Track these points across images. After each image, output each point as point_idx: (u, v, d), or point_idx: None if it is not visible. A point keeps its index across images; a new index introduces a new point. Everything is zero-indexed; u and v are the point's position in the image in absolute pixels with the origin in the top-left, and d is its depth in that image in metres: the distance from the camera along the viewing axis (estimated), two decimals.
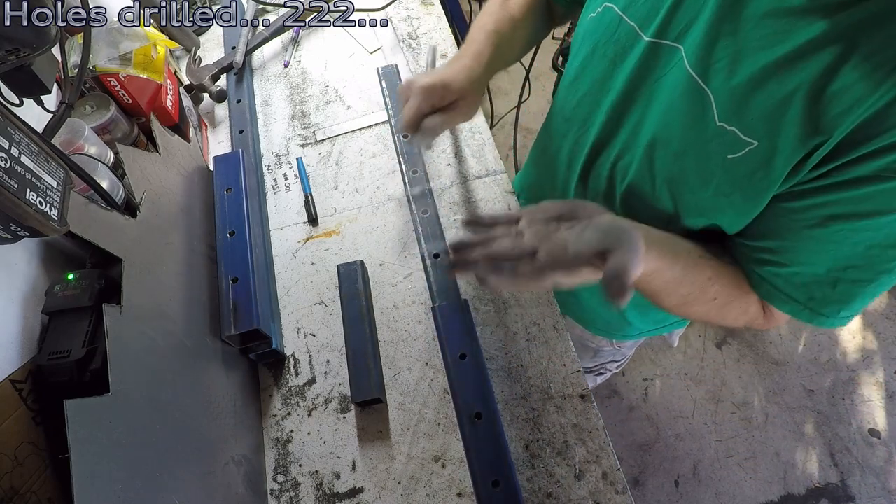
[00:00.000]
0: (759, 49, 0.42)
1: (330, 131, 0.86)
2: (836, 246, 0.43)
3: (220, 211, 0.69)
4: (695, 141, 0.47)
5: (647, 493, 1.43)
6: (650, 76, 0.51)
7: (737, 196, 0.46)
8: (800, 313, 0.46)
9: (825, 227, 0.42)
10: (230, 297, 0.61)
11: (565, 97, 0.63)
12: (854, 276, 0.43)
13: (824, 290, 0.45)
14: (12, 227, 0.35)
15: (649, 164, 0.52)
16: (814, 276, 0.45)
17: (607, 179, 0.58)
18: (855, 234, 0.41)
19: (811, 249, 0.44)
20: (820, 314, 0.46)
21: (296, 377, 0.66)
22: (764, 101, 0.42)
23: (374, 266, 0.72)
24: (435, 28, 0.95)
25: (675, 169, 0.49)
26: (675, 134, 0.48)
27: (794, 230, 0.45)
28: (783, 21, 0.41)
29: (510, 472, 0.54)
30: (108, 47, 0.69)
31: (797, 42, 0.40)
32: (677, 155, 0.49)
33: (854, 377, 1.55)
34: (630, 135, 0.54)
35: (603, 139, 0.57)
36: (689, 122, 0.47)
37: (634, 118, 0.53)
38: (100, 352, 0.46)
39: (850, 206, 0.40)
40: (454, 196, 0.76)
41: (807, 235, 0.44)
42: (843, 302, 0.45)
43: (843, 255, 0.43)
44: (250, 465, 0.58)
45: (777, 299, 0.47)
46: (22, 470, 0.41)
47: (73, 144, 0.57)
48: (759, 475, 1.42)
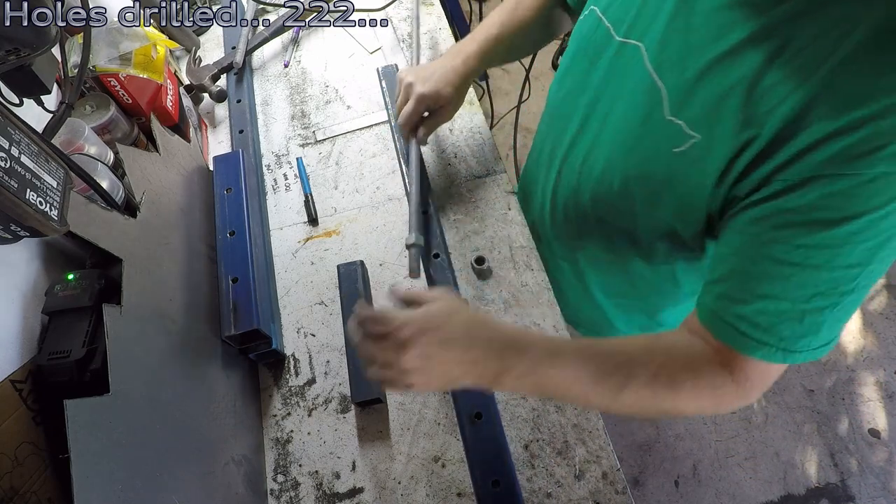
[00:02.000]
0: (707, 43, 0.43)
1: (330, 131, 0.86)
2: (797, 270, 0.40)
3: (220, 211, 0.69)
4: (647, 135, 0.48)
5: (647, 493, 1.43)
6: (618, 74, 0.53)
7: (681, 189, 0.47)
8: (773, 356, 0.42)
9: (782, 244, 0.40)
10: (230, 297, 0.61)
11: (553, 95, 0.66)
12: (819, 303, 0.40)
13: (793, 326, 0.41)
14: (12, 227, 0.35)
15: (611, 161, 0.53)
16: (779, 312, 0.41)
17: (577, 175, 0.60)
18: (813, 252, 0.39)
19: (773, 275, 0.41)
20: (792, 352, 0.42)
21: (296, 377, 0.66)
22: (707, 95, 0.43)
23: (374, 266, 0.72)
24: (435, 28, 0.95)
25: (630, 164, 0.51)
26: (633, 129, 0.50)
27: (754, 251, 0.42)
28: (728, 15, 0.42)
29: (510, 472, 0.54)
30: (108, 47, 0.69)
31: (739, 37, 0.41)
32: (632, 150, 0.50)
33: (854, 377, 1.54)
34: (597, 132, 0.56)
35: (577, 136, 0.59)
36: (643, 117, 0.49)
37: (602, 115, 0.55)
38: (100, 352, 0.46)
39: (802, 215, 0.39)
40: (454, 196, 0.76)
41: (765, 255, 0.41)
42: (812, 333, 0.41)
43: (807, 282, 0.40)
44: (250, 465, 0.58)
45: (748, 347, 0.42)
46: (22, 470, 0.41)
47: (73, 144, 0.57)
48: (759, 475, 1.42)
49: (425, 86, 0.67)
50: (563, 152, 0.62)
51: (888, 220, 0.37)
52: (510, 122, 1.59)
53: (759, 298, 0.42)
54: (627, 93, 0.51)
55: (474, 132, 0.82)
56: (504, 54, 0.72)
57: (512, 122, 1.54)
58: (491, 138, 0.81)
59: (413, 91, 0.67)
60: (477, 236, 0.72)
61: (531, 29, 0.70)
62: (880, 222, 0.37)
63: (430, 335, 0.44)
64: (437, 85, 0.67)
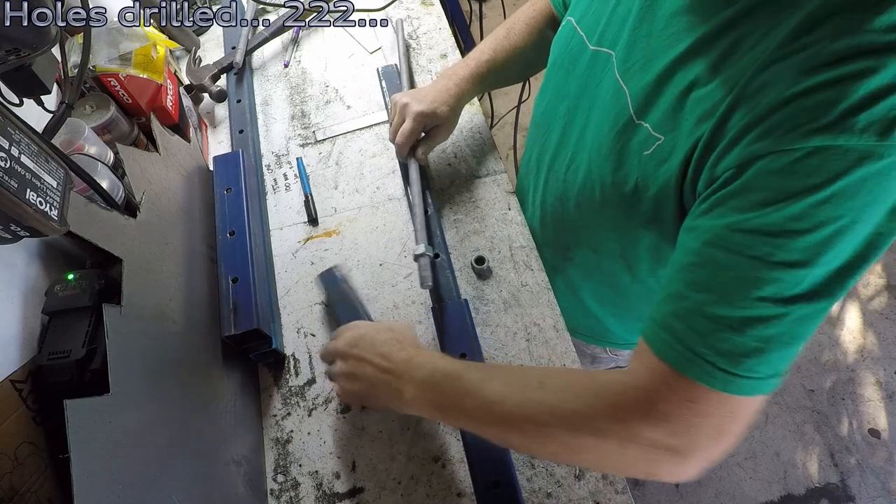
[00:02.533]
0: (667, 48, 0.44)
1: (330, 131, 0.86)
2: (735, 260, 0.36)
3: (220, 211, 0.69)
4: (619, 140, 0.49)
5: (647, 493, 1.43)
6: (592, 83, 0.54)
7: (653, 192, 0.47)
8: (710, 376, 0.36)
9: (721, 230, 0.37)
10: (230, 297, 0.61)
11: (536, 104, 0.68)
12: (765, 310, 0.35)
13: (733, 339, 0.36)
14: (12, 227, 0.35)
15: (591, 167, 0.54)
16: (717, 318, 0.36)
17: (562, 183, 0.61)
18: (752, 240, 0.36)
19: (711, 264, 0.38)
20: (734, 375, 0.36)
21: (296, 377, 0.66)
22: (667, 98, 0.44)
23: (374, 266, 0.72)
24: (435, 28, 0.95)
25: (606, 169, 0.51)
26: (606, 135, 0.51)
27: (695, 244, 0.39)
28: (685, 19, 0.43)
29: (510, 472, 0.54)
30: (108, 47, 0.69)
31: (690, 41, 0.42)
32: (607, 156, 0.51)
33: (854, 377, 1.54)
34: (577, 139, 0.57)
35: (559, 144, 0.61)
36: (614, 122, 0.50)
37: (581, 123, 0.56)
38: (100, 352, 0.46)
39: (740, 199, 0.37)
40: (454, 196, 0.76)
41: (705, 243, 0.38)
42: (757, 355, 0.36)
43: (748, 279, 0.36)
44: (250, 465, 0.58)
45: (679, 360, 0.37)
46: (22, 470, 0.41)
47: (73, 144, 0.57)
48: (759, 475, 1.42)
49: (422, 105, 0.68)
50: (548, 160, 0.64)
51: (829, 209, 0.34)
52: (510, 122, 1.59)
53: (699, 293, 0.38)
54: (601, 100, 0.52)
55: (474, 132, 0.82)
56: (497, 78, 0.74)
57: (512, 122, 1.55)
58: (491, 138, 0.81)
59: (409, 110, 0.68)
60: (477, 236, 0.72)
61: (524, 53, 0.72)
62: (820, 209, 0.34)
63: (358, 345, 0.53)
64: (434, 104, 0.68)
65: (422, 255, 0.64)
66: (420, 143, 0.73)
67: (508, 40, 0.72)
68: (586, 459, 0.42)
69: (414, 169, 0.72)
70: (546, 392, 0.42)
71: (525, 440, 0.43)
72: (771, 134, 0.35)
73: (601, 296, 0.71)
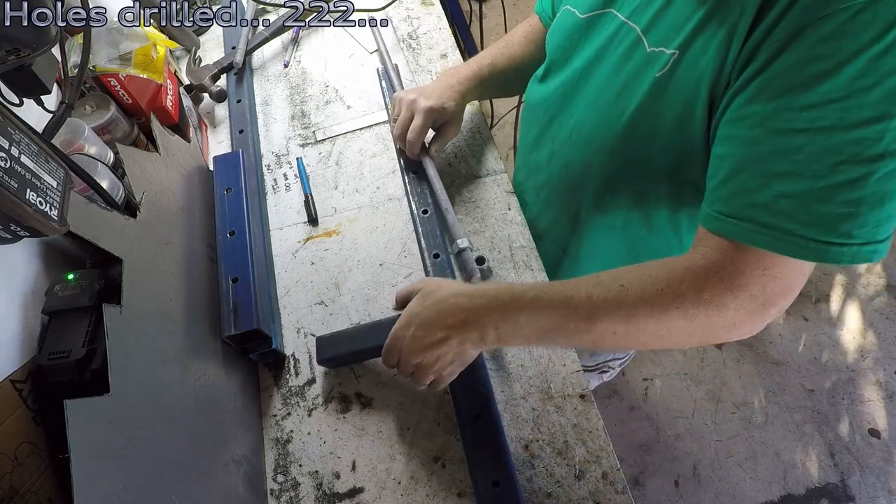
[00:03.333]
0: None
1: (330, 131, 0.86)
2: (808, 137, 0.36)
3: (220, 211, 0.69)
4: (630, 77, 0.51)
5: (647, 493, 1.43)
6: (589, 44, 0.56)
7: (674, 111, 0.47)
8: (806, 250, 0.36)
9: (784, 111, 0.36)
10: (230, 297, 0.61)
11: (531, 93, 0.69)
12: (848, 173, 0.35)
13: (822, 207, 0.35)
14: (12, 227, 0.35)
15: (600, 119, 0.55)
16: (801, 192, 0.36)
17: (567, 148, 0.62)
18: (819, 112, 0.35)
19: (784, 149, 0.37)
20: (831, 244, 0.35)
21: (296, 377, 0.66)
22: (676, 14, 0.46)
23: (374, 266, 0.72)
24: (435, 28, 0.95)
25: (619, 111, 0.52)
26: (613, 79, 0.52)
27: (756, 132, 0.38)
28: None
29: (510, 472, 0.54)
30: (108, 47, 0.69)
31: None
32: (618, 97, 0.52)
33: (854, 377, 1.54)
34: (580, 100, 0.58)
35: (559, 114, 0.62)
36: (621, 62, 0.51)
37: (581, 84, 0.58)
38: (100, 352, 0.46)
39: (795, 74, 0.36)
40: (454, 196, 0.76)
41: (770, 130, 0.37)
42: (850, 218, 0.35)
43: (823, 149, 0.35)
44: (250, 465, 0.58)
45: (775, 242, 0.37)
46: (22, 470, 0.41)
47: (73, 144, 0.57)
48: (759, 475, 1.42)
49: (430, 100, 0.68)
50: (549, 135, 0.65)
51: (891, 59, 0.33)
52: (510, 122, 1.60)
53: (776, 179, 0.37)
54: (604, 52, 0.54)
55: (474, 132, 0.82)
56: (497, 84, 0.75)
57: (512, 122, 1.55)
58: (491, 138, 0.81)
59: (418, 106, 0.68)
60: (477, 236, 0.72)
61: (523, 65, 0.74)
62: (881, 59, 0.33)
63: (414, 334, 0.49)
64: (441, 99, 0.68)
65: (465, 249, 0.65)
66: (432, 141, 0.72)
67: (508, 49, 0.73)
68: (677, 338, 0.43)
69: (431, 167, 0.72)
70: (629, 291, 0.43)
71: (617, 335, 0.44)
72: (813, 5, 0.35)
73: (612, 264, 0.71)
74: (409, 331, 0.50)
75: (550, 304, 0.45)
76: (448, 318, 0.48)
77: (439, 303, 0.49)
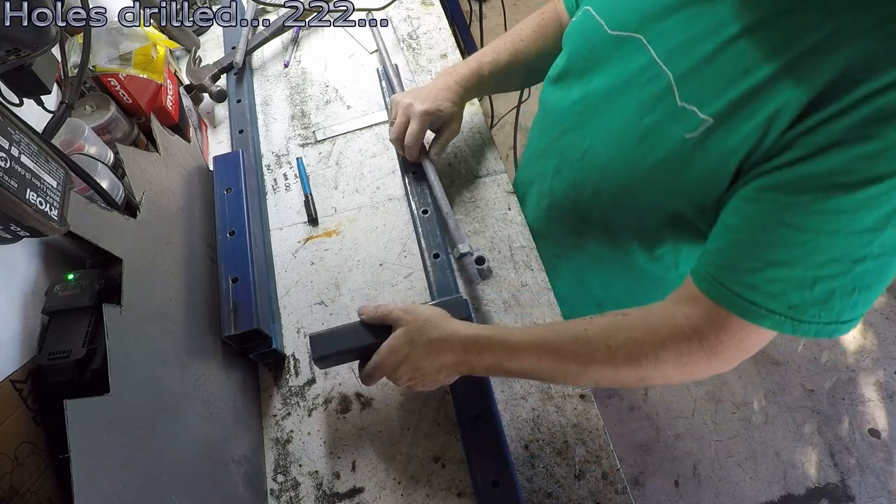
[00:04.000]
0: (714, 29, 0.44)
1: (330, 131, 0.86)
2: (812, 235, 0.39)
3: (220, 211, 0.69)
4: (656, 123, 0.49)
5: (647, 493, 1.43)
6: (615, 68, 0.53)
7: (696, 173, 0.47)
8: (782, 325, 0.41)
9: (799, 209, 0.39)
10: (230, 297, 0.61)
11: (547, 96, 0.66)
12: (832, 269, 0.39)
13: (803, 293, 0.40)
14: (12, 227, 0.35)
15: (618, 152, 0.53)
16: (790, 279, 0.40)
17: (577, 170, 0.60)
18: (830, 217, 0.38)
19: (787, 242, 0.40)
20: (802, 322, 0.41)
21: (296, 377, 0.66)
22: (719, 79, 0.43)
23: (374, 266, 0.72)
24: (435, 28, 0.95)
25: (639, 154, 0.51)
26: (640, 119, 0.50)
27: (767, 219, 0.41)
28: (724, 3, 0.43)
29: (510, 472, 0.54)
30: (108, 47, 0.69)
31: (745, 21, 0.42)
32: (641, 139, 0.50)
33: (854, 377, 1.54)
34: (598, 125, 0.56)
35: (574, 131, 0.60)
36: (651, 105, 0.49)
37: (600, 109, 0.55)
38: (100, 352, 0.46)
39: (823, 180, 0.38)
40: (454, 196, 0.76)
41: (780, 222, 0.40)
42: (822, 303, 0.40)
43: (821, 248, 0.39)
44: (250, 465, 0.58)
45: (755, 316, 0.42)
46: (22, 470, 0.41)
47: (73, 144, 0.57)
48: (759, 475, 1.42)
49: (425, 104, 0.67)
50: (559, 149, 0.63)
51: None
52: (510, 122, 1.60)
53: (771, 266, 0.41)
54: (629, 85, 0.51)
55: (474, 132, 0.82)
56: (498, 81, 0.72)
57: (512, 122, 1.55)
58: (491, 138, 0.81)
59: (413, 110, 0.67)
60: (477, 236, 0.72)
61: (528, 61, 0.71)
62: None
63: (403, 368, 0.52)
64: (437, 102, 0.67)
65: (466, 254, 0.64)
66: (431, 144, 0.72)
67: (514, 44, 0.71)
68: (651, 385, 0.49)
69: (431, 170, 0.72)
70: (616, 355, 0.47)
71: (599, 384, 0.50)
72: (873, 117, 0.36)
73: (608, 281, 0.71)
74: (398, 367, 0.53)
75: (540, 355, 0.49)
76: (440, 358, 0.51)
77: (430, 345, 0.52)
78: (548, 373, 0.49)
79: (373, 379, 0.55)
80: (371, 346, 0.56)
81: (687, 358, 0.45)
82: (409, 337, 0.53)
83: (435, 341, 0.52)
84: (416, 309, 0.55)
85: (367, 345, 0.56)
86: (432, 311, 0.55)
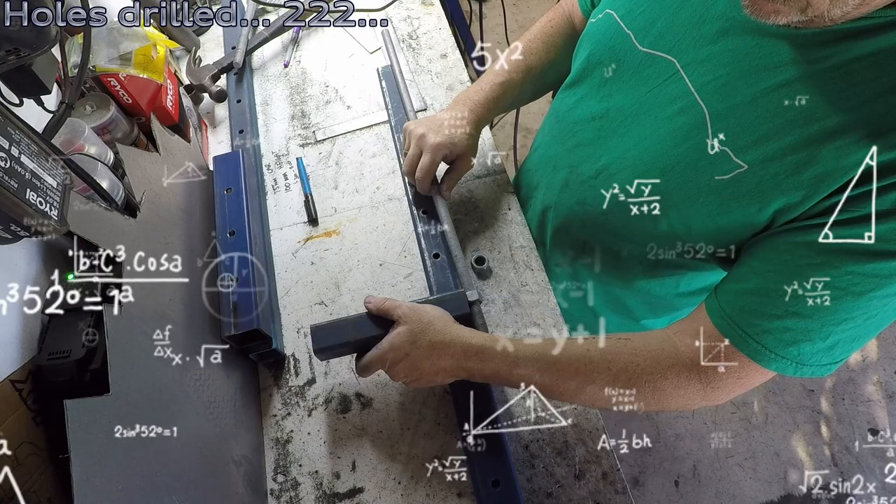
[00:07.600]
0: (761, 70, 0.41)
1: (330, 131, 0.86)
2: (838, 294, 0.40)
3: (220, 211, 0.69)
4: (683, 157, 0.47)
5: (647, 493, 1.43)
6: (643, 89, 0.50)
7: (720, 217, 0.46)
8: (786, 368, 0.43)
9: (833, 269, 0.39)
10: (230, 297, 0.61)
11: (560, 102, 0.65)
12: (848, 326, 0.40)
13: (815, 344, 0.41)
14: (12, 227, 0.35)
15: (636, 173, 0.51)
16: (807, 331, 0.41)
17: (588, 188, 0.59)
18: (861, 280, 0.38)
19: (814, 297, 0.41)
20: (804, 365, 0.42)
21: (296, 377, 0.66)
22: (762, 125, 0.41)
23: (374, 266, 0.72)
24: (435, 28, 0.95)
25: (663, 182, 0.49)
26: (667, 150, 0.48)
27: (798, 273, 0.41)
28: (784, 46, 0.40)
29: (510, 472, 0.54)
30: (108, 47, 0.69)
31: (798, 70, 0.39)
32: (665, 169, 0.49)
33: (854, 377, 1.54)
34: (618, 146, 0.54)
35: (590, 147, 0.58)
36: (678, 138, 0.47)
37: (623, 130, 0.53)
38: (100, 352, 0.46)
39: (862, 245, 0.38)
40: (454, 196, 0.76)
41: (809, 276, 0.40)
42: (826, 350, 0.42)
43: (844, 307, 0.40)
44: (250, 465, 0.58)
45: (765, 359, 0.43)
46: (22, 470, 0.41)
47: (73, 144, 0.57)
48: (759, 475, 1.42)
49: (439, 136, 0.64)
50: (571, 162, 0.61)
51: None
52: (510, 122, 1.59)
53: (793, 316, 0.41)
54: (658, 111, 0.49)
55: None
56: (513, 100, 0.70)
57: (512, 122, 1.55)
58: (491, 138, 0.81)
59: (427, 143, 0.64)
60: (477, 236, 0.72)
61: (541, 75, 0.69)
62: None
63: (402, 364, 0.52)
64: (451, 133, 0.64)
65: (475, 302, 0.61)
66: (443, 179, 0.69)
67: (525, 62, 0.68)
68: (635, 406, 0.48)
69: (442, 207, 0.69)
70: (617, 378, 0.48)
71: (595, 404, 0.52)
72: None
73: (606, 293, 0.71)
74: (396, 363, 0.53)
75: (540, 369, 0.49)
76: (440, 361, 0.52)
77: (432, 347, 0.52)
78: (546, 387, 0.50)
79: (369, 371, 0.56)
80: (371, 340, 0.56)
81: (684, 390, 0.46)
82: (411, 336, 0.53)
83: (437, 345, 0.52)
84: (421, 308, 0.55)
85: (367, 338, 0.56)
86: (437, 313, 0.55)
